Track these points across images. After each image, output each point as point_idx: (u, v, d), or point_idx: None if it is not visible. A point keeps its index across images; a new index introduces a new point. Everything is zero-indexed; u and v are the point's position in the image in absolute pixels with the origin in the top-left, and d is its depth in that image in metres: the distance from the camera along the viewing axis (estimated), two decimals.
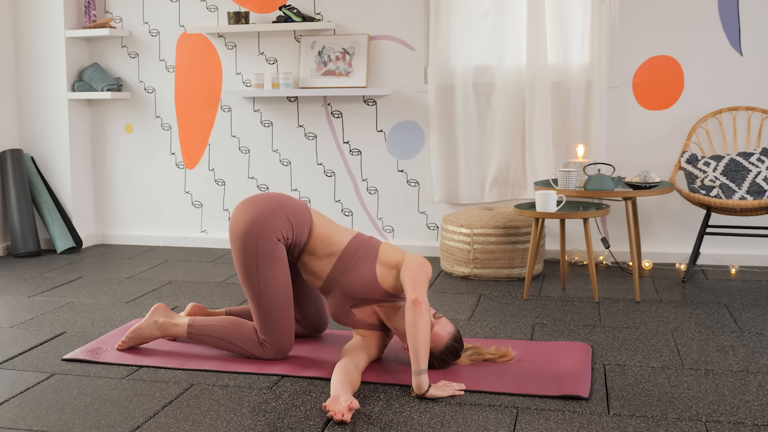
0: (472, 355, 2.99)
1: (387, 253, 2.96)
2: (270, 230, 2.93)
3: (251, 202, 3.01)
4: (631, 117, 4.67)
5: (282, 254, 2.95)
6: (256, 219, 2.94)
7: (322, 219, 3.07)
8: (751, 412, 2.51)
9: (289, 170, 5.18)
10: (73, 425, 2.47)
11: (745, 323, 3.48)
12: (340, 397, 2.50)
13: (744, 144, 4.53)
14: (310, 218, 3.01)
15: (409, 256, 2.92)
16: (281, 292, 2.96)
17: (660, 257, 4.70)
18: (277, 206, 2.97)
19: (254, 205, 2.99)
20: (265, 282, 2.94)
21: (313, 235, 3.00)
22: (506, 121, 4.71)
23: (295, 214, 2.98)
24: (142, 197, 5.45)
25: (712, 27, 4.53)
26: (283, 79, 4.94)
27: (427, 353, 2.68)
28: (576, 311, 3.71)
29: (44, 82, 5.27)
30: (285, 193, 5.14)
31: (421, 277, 2.80)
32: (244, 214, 2.97)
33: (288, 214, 2.97)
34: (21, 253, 5.07)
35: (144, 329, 3.15)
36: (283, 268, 2.96)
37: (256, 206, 2.98)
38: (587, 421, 2.46)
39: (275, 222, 2.94)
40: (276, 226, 2.94)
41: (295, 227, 2.97)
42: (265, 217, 2.94)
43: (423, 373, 2.65)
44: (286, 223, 2.96)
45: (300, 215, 2.99)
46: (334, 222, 3.09)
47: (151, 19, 5.29)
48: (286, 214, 2.97)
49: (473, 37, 4.74)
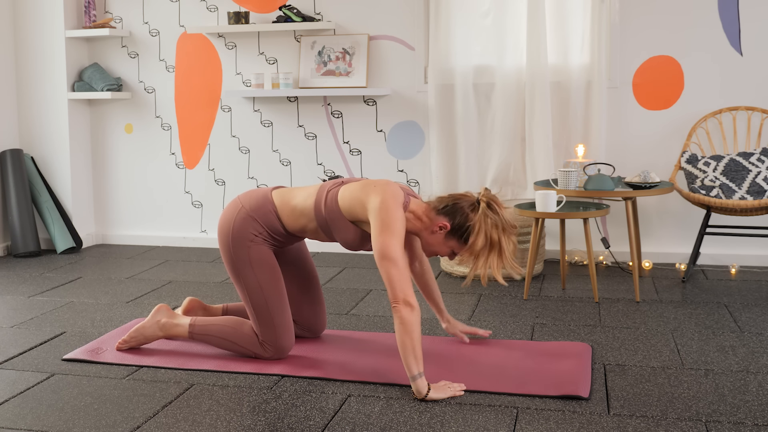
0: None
1: (350, 209, 2.83)
2: (239, 234, 2.96)
3: (225, 209, 3.07)
4: (631, 117, 4.67)
5: (261, 255, 2.96)
6: (225, 227, 3.00)
7: (287, 195, 2.99)
8: (751, 412, 2.51)
9: (289, 170, 5.18)
10: (73, 425, 2.47)
11: (745, 323, 3.48)
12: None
13: (744, 144, 4.53)
14: (272, 204, 2.98)
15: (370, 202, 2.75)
16: (268, 293, 2.97)
17: (660, 257, 4.70)
18: (239, 207, 3.00)
19: (226, 211, 3.05)
20: (249, 285, 2.97)
21: (283, 217, 2.96)
22: (506, 121, 4.71)
23: (255, 207, 2.98)
24: (142, 197, 5.45)
25: (712, 27, 4.53)
26: (283, 79, 4.94)
27: (416, 358, 2.63)
28: (576, 311, 3.71)
29: (44, 82, 5.27)
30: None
31: (389, 254, 2.66)
32: (221, 221, 3.04)
33: (249, 212, 2.98)
34: (21, 253, 5.07)
35: (146, 329, 3.15)
36: (266, 269, 2.97)
37: (224, 214, 3.04)
38: (587, 421, 2.47)
39: (240, 224, 2.97)
40: (243, 228, 2.97)
41: (260, 219, 2.97)
42: (231, 222, 2.99)
43: (418, 378, 2.63)
44: (251, 221, 2.97)
45: (260, 207, 2.98)
46: (300, 189, 3.01)
47: (151, 19, 5.29)
48: (247, 212, 2.98)
49: (473, 37, 4.74)
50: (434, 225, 2.80)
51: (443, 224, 2.77)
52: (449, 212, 2.79)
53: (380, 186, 2.81)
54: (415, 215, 2.83)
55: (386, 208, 2.73)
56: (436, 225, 2.79)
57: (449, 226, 2.78)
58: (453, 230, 2.78)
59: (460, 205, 2.79)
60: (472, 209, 2.77)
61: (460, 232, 2.77)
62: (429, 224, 2.81)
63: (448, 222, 2.78)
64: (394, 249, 2.67)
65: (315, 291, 3.26)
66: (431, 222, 2.81)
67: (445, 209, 2.79)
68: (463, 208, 2.77)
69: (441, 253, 2.86)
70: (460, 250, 2.82)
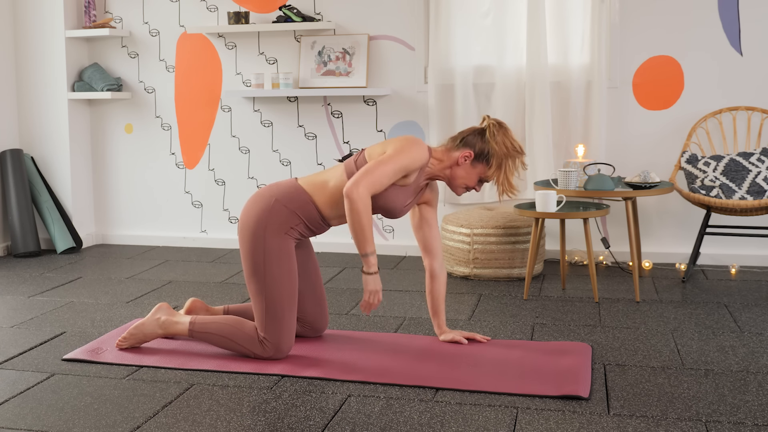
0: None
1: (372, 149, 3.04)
2: (276, 225, 2.97)
3: (250, 203, 3.06)
4: (631, 117, 4.67)
5: (290, 248, 3.00)
6: (258, 216, 2.99)
7: (316, 182, 3.08)
8: (751, 412, 2.51)
9: (289, 170, 5.18)
10: (73, 425, 2.47)
11: (745, 323, 3.48)
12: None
13: (744, 144, 4.54)
14: (306, 194, 3.03)
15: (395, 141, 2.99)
16: (287, 288, 2.98)
17: (660, 257, 4.70)
18: (273, 200, 3.01)
19: (255, 202, 3.03)
20: (273, 277, 2.96)
21: (320, 205, 3.04)
22: (506, 121, 4.71)
23: (291, 199, 3.01)
24: (142, 197, 5.45)
25: (712, 27, 4.53)
26: (283, 79, 4.94)
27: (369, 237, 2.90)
28: (576, 311, 3.71)
29: (44, 82, 5.27)
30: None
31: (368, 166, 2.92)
32: (249, 211, 3.03)
33: (286, 204, 3.00)
34: (21, 253, 5.07)
35: (146, 326, 3.16)
36: (292, 263, 3.00)
37: (253, 206, 3.03)
38: (587, 421, 2.47)
39: (277, 216, 2.98)
40: (279, 220, 2.98)
41: (298, 211, 3.01)
42: (266, 212, 2.98)
43: (370, 255, 2.92)
44: (288, 213, 2.99)
45: (295, 198, 3.02)
46: (323, 173, 3.11)
47: (151, 19, 5.29)
48: (284, 204, 3.00)
49: (473, 37, 4.75)
50: (459, 158, 3.05)
51: (467, 154, 3.04)
52: (467, 143, 3.06)
53: (403, 136, 3.02)
54: (438, 159, 3.08)
55: (408, 140, 2.97)
56: (461, 157, 3.04)
57: (473, 153, 3.04)
58: (477, 156, 3.05)
59: (473, 134, 3.07)
60: (483, 134, 3.06)
61: (483, 155, 3.04)
62: (452, 161, 3.07)
63: (470, 151, 3.04)
64: (386, 170, 2.91)
65: (319, 289, 3.28)
66: (453, 159, 3.06)
67: (462, 142, 3.07)
68: (476, 135, 3.06)
69: (470, 183, 3.09)
70: (485, 172, 3.07)
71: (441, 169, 3.08)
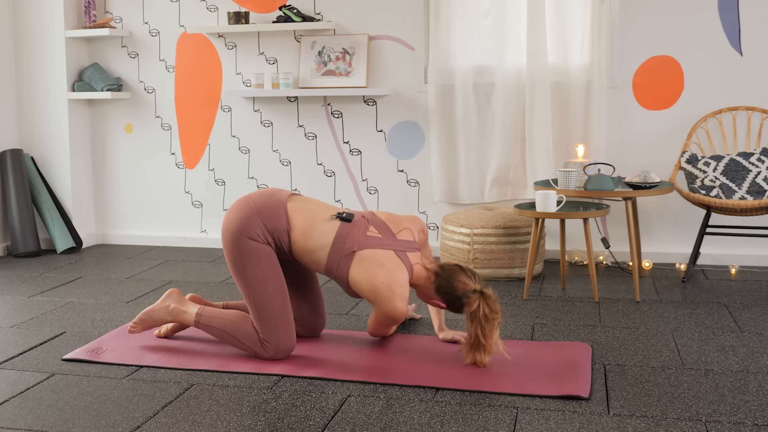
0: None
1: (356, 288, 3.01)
2: (249, 234, 2.99)
3: (234, 206, 3.09)
4: (631, 117, 4.67)
5: (266, 252, 3.00)
6: (236, 223, 3.01)
7: (304, 221, 3.04)
8: (751, 412, 2.51)
9: (289, 170, 5.18)
10: (73, 425, 2.47)
11: (745, 323, 3.48)
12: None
13: (744, 144, 4.54)
14: (286, 223, 3.03)
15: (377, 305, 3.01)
16: (272, 290, 2.99)
17: (660, 257, 4.70)
18: (253, 211, 3.02)
19: (236, 209, 3.06)
20: (256, 279, 2.98)
21: (294, 242, 3.04)
22: (506, 121, 4.71)
23: (269, 217, 3.02)
24: (142, 197, 5.45)
25: (712, 27, 4.53)
26: (283, 79, 4.94)
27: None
28: (576, 311, 3.71)
29: (44, 82, 5.27)
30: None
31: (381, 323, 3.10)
32: (228, 217, 3.06)
33: (262, 218, 3.01)
34: (21, 253, 5.07)
35: (156, 312, 3.19)
36: (270, 266, 3.00)
37: (234, 212, 3.05)
38: (587, 421, 2.47)
39: (252, 227, 3.00)
40: (253, 231, 3.00)
41: (271, 230, 3.02)
42: (244, 221, 3.00)
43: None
44: (261, 227, 3.01)
45: (276, 220, 3.02)
46: (318, 213, 3.08)
47: (151, 19, 5.29)
48: (260, 218, 3.01)
49: (473, 37, 4.74)
50: (433, 299, 3.05)
51: (440, 304, 3.04)
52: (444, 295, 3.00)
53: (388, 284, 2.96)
54: (417, 283, 3.09)
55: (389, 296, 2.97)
56: (436, 300, 3.04)
57: (445, 306, 3.04)
58: (448, 306, 3.04)
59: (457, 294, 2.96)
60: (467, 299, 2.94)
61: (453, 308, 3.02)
62: (428, 290, 3.07)
63: (443, 303, 3.02)
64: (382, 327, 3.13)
65: (314, 288, 3.28)
66: (430, 291, 3.06)
67: (440, 291, 3.01)
68: (460, 298, 2.96)
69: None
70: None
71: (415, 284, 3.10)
